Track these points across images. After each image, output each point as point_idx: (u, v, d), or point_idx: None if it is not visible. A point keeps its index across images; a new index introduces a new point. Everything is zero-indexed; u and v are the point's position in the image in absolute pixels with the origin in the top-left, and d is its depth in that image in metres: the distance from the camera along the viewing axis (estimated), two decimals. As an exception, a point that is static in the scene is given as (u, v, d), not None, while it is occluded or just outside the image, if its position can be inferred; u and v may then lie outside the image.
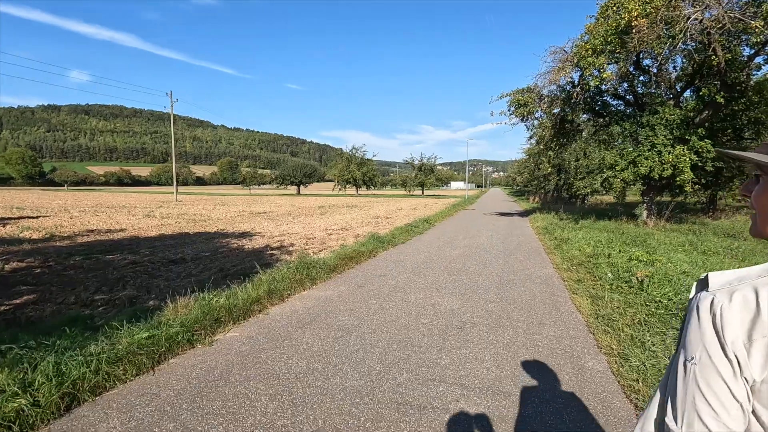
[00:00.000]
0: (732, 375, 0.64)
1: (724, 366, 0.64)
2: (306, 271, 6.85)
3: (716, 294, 0.67)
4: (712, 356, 0.65)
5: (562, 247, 9.31)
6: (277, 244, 11.06)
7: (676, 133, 11.69)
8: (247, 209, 26.35)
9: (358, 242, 10.47)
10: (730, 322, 0.64)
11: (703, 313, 0.68)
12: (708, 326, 0.66)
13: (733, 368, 0.64)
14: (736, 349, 0.63)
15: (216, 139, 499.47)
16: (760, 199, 0.75)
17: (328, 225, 16.18)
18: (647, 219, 13.41)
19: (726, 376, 0.64)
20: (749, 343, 0.63)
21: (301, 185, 71.79)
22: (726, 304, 0.65)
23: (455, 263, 8.16)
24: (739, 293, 0.66)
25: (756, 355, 0.62)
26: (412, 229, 13.89)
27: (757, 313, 0.63)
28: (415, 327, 4.47)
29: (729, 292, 0.67)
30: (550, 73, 13.59)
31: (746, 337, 0.63)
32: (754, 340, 0.63)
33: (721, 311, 0.65)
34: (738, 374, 0.64)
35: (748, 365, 0.63)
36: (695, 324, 0.68)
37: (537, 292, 5.90)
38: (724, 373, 0.64)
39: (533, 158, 33.19)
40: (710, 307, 0.67)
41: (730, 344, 0.64)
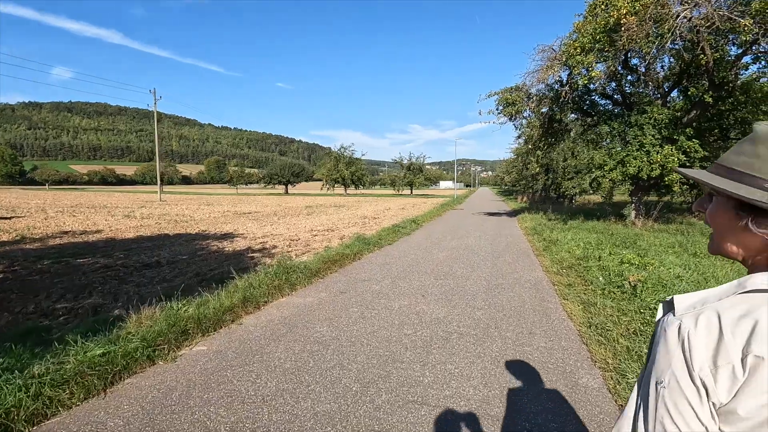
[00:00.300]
0: (698, 400, 0.66)
1: (691, 391, 0.66)
2: (285, 276, 6.51)
3: (683, 319, 0.70)
4: (680, 381, 0.67)
5: (551, 249, 9.10)
6: (259, 247, 10.68)
7: (665, 133, 11.59)
8: (232, 209, 25.81)
9: (343, 244, 10.15)
10: (697, 348, 0.66)
11: (671, 338, 0.70)
12: (676, 351, 0.69)
13: (699, 393, 0.66)
14: (703, 375, 0.65)
15: (203, 137, 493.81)
16: (714, 218, 0.78)
17: (314, 226, 15.82)
18: (635, 219, 13.32)
19: (692, 401, 0.66)
20: (715, 368, 0.65)
21: (289, 185, 71.05)
22: (692, 329, 0.68)
23: (442, 266, 7.89)
24: (704, 317, 0.68)
25: (721, 380, 0.65)
26: (400, 229, 13.61)
27: (720, 338, 0.65)
28: (398, 339, 4.17)
29: (694, 316, 0.69)
30: (539, 72, 13.41)
31: (712, 363, 0.65)
32: (719, 366, 0.65)
33: (689, 337, 0.68)
34: (704, 399, 0.65)
35: (715, 390, 0.65)
36: (663, 348, 0.71)
37: (526, 298, 5.65)
38: (690, 398, 0.66)
39: (521, 158, 33.17)
40: (678, 332, 0.69)
41: (697, 370, 0.66)
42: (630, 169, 11.50)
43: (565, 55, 12.21)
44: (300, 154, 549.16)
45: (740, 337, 0.65)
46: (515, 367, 3.52)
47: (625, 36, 9.84)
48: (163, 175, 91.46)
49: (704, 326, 0.67)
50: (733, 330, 0.65)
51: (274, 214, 22.33)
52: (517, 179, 36.46)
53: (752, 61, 11.11)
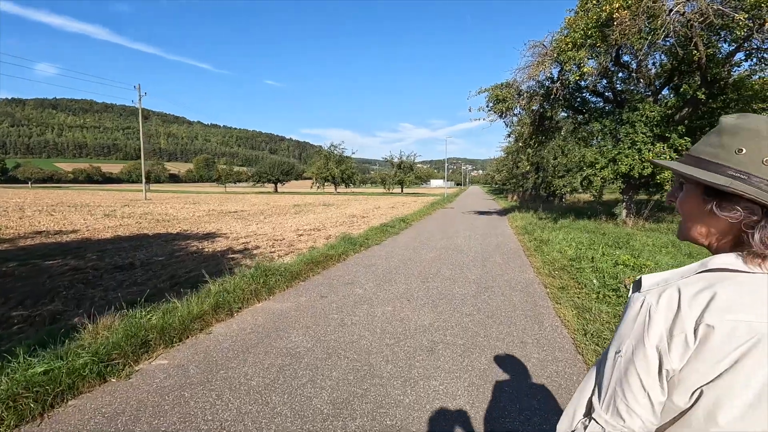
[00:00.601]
0: (646, 369, 0.72)
1: (641, 360, 0.73)
2: (263, 279, 6.13)
3: (646, 295, 0.77)
4: (634, 352, 0.74)
5: (542, 249, 8.84)
6: (240, 247, 10.27)
7: (656, 131, 11.41)
8: (218, 208, 25.25)
9: (328, 244, 9.78)
10: (656, 322, 0.73)
11: (632, 312, 0.77)
12: (637, 323, 0.75)
13: (649, 363, 0.73)
14: (660, 345, 0.72)
15: (192, 135, 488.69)
16: (683, 205, 0.85)
17: (300, 225, 15.41)
18: (626, 218, 13.15)
19: (640, 370, 0.73)
20: (670, 338, 0.72)
21: (279, 183, 70.24)
22: (654, 305, 0.75)
23: (430, 267, 7.57)
24: (666, 293, 0.75)
25: (675, 348, 0.71)
26: (388, 229, 13.28)
27: (678, 311, 0.72)
28: (378, 350, 3.83)
29: (658, 293, 0.76)
30: (529, 68, 13.15)
31: (668, 333, 0.72)
32: (674, 336, 0.72)
33: (649, 311, 0.75)
34: (653, 369, 0.72)
35: (669, 358, 0.71)
36: (626, 320, 0.78)
37: (517, 302, 5.35)
38: (639, 366, 0.73)
39: (511, 156, 33.02)
40: (640, 307, 0.76)
41: (654, 341, 0.73)
42: (622, 168, 11.29)
43: (556, 50, 11.96)
44: (290, 153, 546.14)
45: (695, 309, 0.71)
46: (506, 384, 3.20)
47: (618, 30, 9.61)
48: (150, 173, 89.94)
49: (665, 302, 0.74)
50: (689, 303, 0.71)
51: (261, 213, 21.85)
52: (507, 178, 36.33)
53: (744, 58, 10.98)
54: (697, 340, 0.70)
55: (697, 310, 0.71)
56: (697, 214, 0.81)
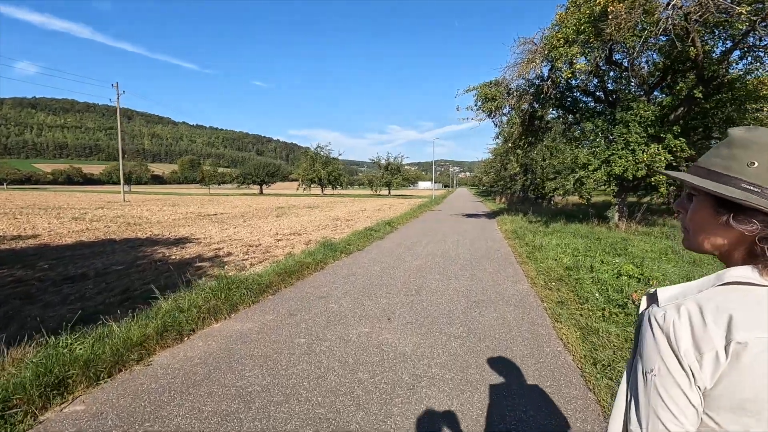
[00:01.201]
0: (688, 383, 0.71)
1: (680, 376, 0.71)
2: (226, 293, 5.40)
3: (667, 309, 0.75)
4: (669, 367, 0.72)
5: (535, 256, 8.25)
6: (211, 254, 9.49)
7: (651, 131, 10.96)
8: (198, 211, 24.28)
9: (306, 251, 9.07)
10: (682, 336, 0.71)
11: (656, 327, 0.75)
12: (662, 339, 0.73)
13: (688, 378, 0.70)
14: (690, 360, 0.70)
15: (177, 136, 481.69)
16: (694, 216, 0.84)
17: (281, 229, 14.64)
18: (619, 222, 12.70)
19: (683, 385, 0.71)
20: (700, 355, 0.70)
21: (264, 185, 69.00)
22: (677, 319, 0.73)
23: (415, 278, 6.91)
24: (685, 307, 0.73)
25: (706, 365, 0.69)
26: (372, 233, 12.60)
27: (703, 326, 0.70)
28: (349, 389, 3.15)
29: (677, 306, 0.74)
30: (519, 66, 12.64)
31: (696, 350, 0.70)
32: (703, 353, 0.70)
33: (673, 326, 0.73)
34: (692, 383, 0.70)
35: (701, 375, 0.70)
36: (650, 337, 0.75)
37: (512, 321, 4.71)
38: (680, 382, 0.71)
39: (500, 158, 32.66)
40: (663, 321, 0.74)
41: (683, 356, 0.70)
42: (615, 169, 10.81)
43: (547, 47, 11.46)
44: (278, 154, 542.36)
45: (721, 325, 0.69)
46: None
47: (613, 24, 9.10)
48: (132, 174, 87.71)
49: (687, 316, 0.72)
50: (715, 318, 0.70)
51: (241, 215, 20.97)
52: (495, 180, 35.98)
53: (740, 56, 10.59)
54: (729, 358, 0.69)
55: (723, 326, 0.70)
56: (710, 225, 0.81)
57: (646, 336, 0.76)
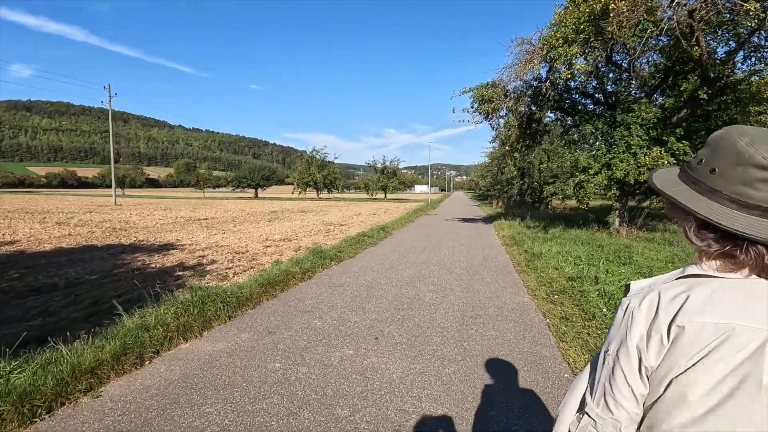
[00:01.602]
0: (629, 366, 0.80)
1: (624, 358, 0.81)
2: (199, 308, 4.93)
3: (631, 299, 0.84)
4: (619, 351, 0.82)
5: (535, 265, 7.81)
6: (194, 262, 9.00)
7: (653, 134, 10.58)
8: (189, 215, 23.75)
9: (294, 259, 8.62)
10: (637, 323, 0.80)
11: (619, 314, 0.85)
12: (623, 326, 0.83)
13: (630, 360, 0.80)
14: (641, 344, 0.79)
15: (173, 139, 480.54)
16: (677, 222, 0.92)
17: (271, 234, 14.16)
18: (620, 227, 12.31)
19: (624, 367, 0.81)
20: (648, 338, 0.79)
21: (259, 188, 68.42)
22: (636, 307, 0.82)
23: (407, 289, 6.46)
24: (648, 297, 0.81)
25: (652, 347, 0.78)
26: (365, 239, 12.14)
27: (656, 314, 0.79)
28: (324, 428, 2.68)
29: (641, 296, 0.82)
30: (516, 67, 12.26)
31: (646, 334, 0.79)
32: (651, 336, 0.79)
33: (632, 314, 0.82)
34: (635, 366, 0.80)
35: (647, 356, 0.79)
36: (615, 323, 0.86)
37: (513, 340, 4.27)
38: (623, 364, 0.81)
39: (496, 162, 32.32)
40: (626, 309, 0.84)
41: (636, 341, 0.80)
42: (617, 173, 10.41)
43: (545, 47, 11.08)
44: (274, 157, 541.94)
45: (670, 311, 0.78)
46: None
47: (615, 22, 8.73)
48: (126, 177, 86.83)
49: (647, 305, 0.81)
50: (666, 306, 0.78)
51: (233, 220, 20.47)
52: (492, 184, 35.63)
53: (744, 57, 10.25)
54: (670, 340, 0.76)
55: (671, 312, 0.77)
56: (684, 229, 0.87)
57: (614, 321, 0.87)
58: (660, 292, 0.79)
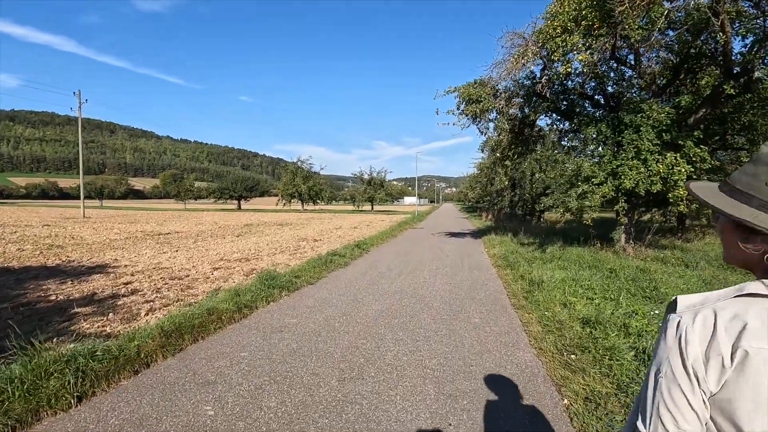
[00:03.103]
0: (690, 388, 0.73)
1: (684, 380, 0.73)
2: (35, 383, 3.18)
3: (682, 316, 0.77)
4: (675, 371, 0.74)
5: (536, 297, 6.15)
6: (111, 292, 7.19)
7: (666, 137, 9.11)
8: (153, 229, 21.78)
9: (235, 288, 6.87)
10: (692, 342, 0.74)
11: (670, 333, 0.78)
12: (674, 344, 0.76)
13: (691, 382, 0.72)
14: (696, 365, 0.72)
15: (160, 150, 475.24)
16: (721, 234, 0.86)
17: (231, 252, 12.36)
18: (626, 244, 10.77)
19: (685, 389, 0.73)
20: (706, 360, 0.72)
21: (243, 200, 66.25)
22: (690, 325, 0.75)
23: (366, 339, 4.75)
24: (701, 315, 0.75)
25: (711, 371, 0.72)
26: (335, 259, 10.41)
27: (713, 333, 0.73)
28: None
29: (693, 313, 0.76)
30: (509, 62, 10.79)
31: (704, 356, 0.72)
32: (710, 358, 0.72)
33: (685, 332, 0.75)
34: (696, 388, 0.72)
35: (706, 380, 0.72)
36: (663, 341, 0.79)
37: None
38: (683, 386, 0.73)
39: (485, 172, 30.93)
40: (677, 328, 0.76)
41: (691, 361, 0.73)
42: (626, 182, 8.89)
43: (541, 38, 9.63)
44: (264, 169, 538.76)
45: (731, 333, 0.71)
46: None
47: (627, 4, 7.28)
48: (104, 188, 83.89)
49: (701, 323, 0.74)
50: (726, 326, 0.72)
51: (198, 234, 18.59)
52: (481, 195, 34.20)
53: None
54: (734, 364, 0.70)
55: (732, 334, 0.71)
56: (731, 242, 0.82)
57: (661, 340, 0.80)
58: (716, 310, 0.74)
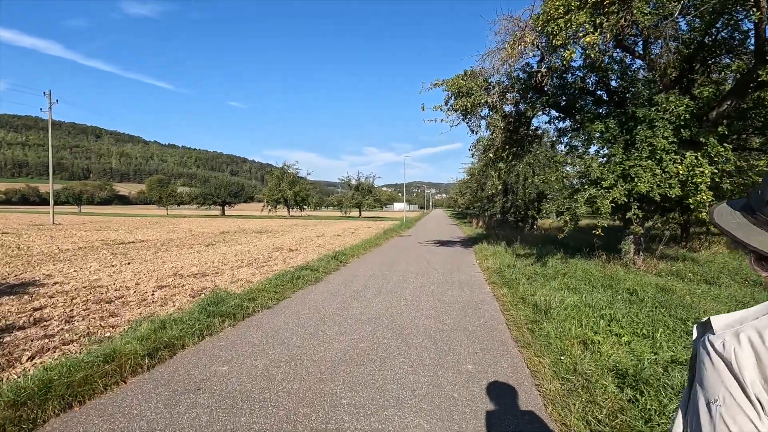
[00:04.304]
0: (757, 414, 0.67)
1: (747, 405, 0.67)
2: None
3: (725, 337, 0.71)
4: (735, 397, 0.68)
5: (545, 331, 4.78)
6: (12, 321, 5.68)
7: (685, 134, 7.90)
8: (118, 237, 20.08)
9: (161, 319, 5.42)
10: (746, 365, 0.68)
11: (715, 356, 0.71)
12: (723, 368, 0.70)
13: (756, 408, 0.67)
14: (756, 389, 0.67)
15: (147, 155, 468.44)
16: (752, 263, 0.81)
17: (190, 265, 10.85)
18: (635, 256, 9.51)
19: (751, 416, 0.67)
20: (765, 383, 0.66)
21: (228, 205, 64.27)
22: (737, 346, 0.69)
23: (312, 408, 3.32)
24: (745, 335, 0.70)
25: None
26: (305, 275, 8.97)
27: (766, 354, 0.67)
28: None
29: (735, 334, 0.71)
30: (503, 51, 9.54)
31: (763, 379, 0.67)
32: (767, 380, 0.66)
33: (735, 353, 0.69)
34: (762, 413, 0.66)
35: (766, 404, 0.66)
36: (710, 366, 0.72)
37: None
38: (749, 413, 0.67)
39: (476, 177, 29.76)
40: (723, 349, 0.70)
41: (750, 385, 0.67)
42: (640, 186, 7.64)
43: (541, 20, 8.39)
44: (253, 174, 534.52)
45: None
46: None
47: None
48: (83, 193, 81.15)
49: (748, 343, 0.69)
50: None
51: (163, 244, 16.97)
52: (471, 201, 32.99)
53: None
54: None
55: None
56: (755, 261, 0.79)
57: (706, 365, 0.73)
58: (759, 330, 0.69)
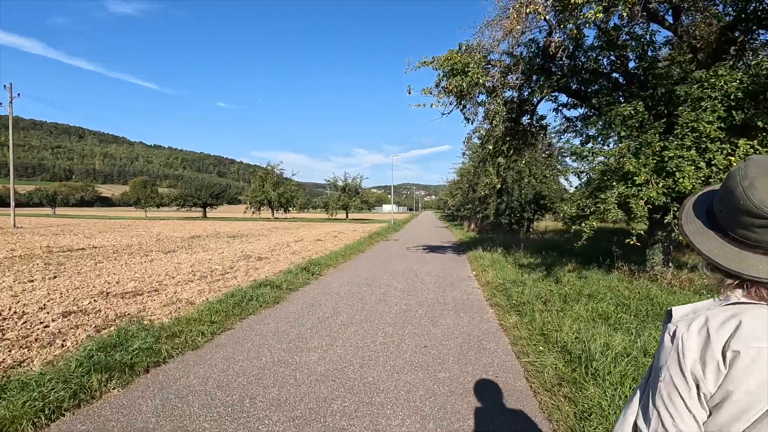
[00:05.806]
0: (688, 392, 0.79)
1: (682, 385, 0.80)
2: None
3: (678, 324, 0.84)
4: (673, 376, 0.81)
5: (591, 406, 3.09)
6: None
7: (738, 116, 6.30)
8: (72, 242, 17.98)
9: (31, 375, 3.59)
10: (689, 348, 0.80)
11: (667, 341, 0.85)
12: (672, 351, 0.82)
13: (689, 386, 0.79)
14: (695, 369, 0.79)
15: (132, 156, 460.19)
16: None
17: (129, 280, 8.96)
18: (665, 268, 7.91)
19: (683, 393, 0.80)
20: (703, 364, 0.78)
21: (209, 207, 61.83)
22: (685, 333, 0.82)
23: None
24: (696, 323, 0.81)
25: (709, 374, 0.78)
26: (262, 294, 7.15)
27: (707, 338, 0.79)
28: None
29: (688, 322, 0.83)
30: (505, 21, 7.87)
31: (701, 360, 0.79)
32: (706, 362, 0.78)
33: (682, 339, 0.82)
34: (693, 391, 0.79)
35: (705, 383, 0.78)
36: (662, 349, 0.86)
37: None
38: (681, 390, 0.80)
39: (467, 178, 28.19)
40: (673, 336, 0.83)
41: (689, 366, 0.79)
42: (685, 183, 6.02)
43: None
44: (240, 176, 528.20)
45: (722, 337, 0.77)
46: None
47: None
48: (57, 195, 77.92)
49: (696, 330, 0.81)
50: (717, 332, 0.78)
51: (116, 251, 14.95)
52: (462, 203, 31.37)
53: None
54: (727, 365, 0.76)
55: (723, 338, 0.77)
56: None
57: (661, 347, 0.87)
58: (708, 317, 0.80)
